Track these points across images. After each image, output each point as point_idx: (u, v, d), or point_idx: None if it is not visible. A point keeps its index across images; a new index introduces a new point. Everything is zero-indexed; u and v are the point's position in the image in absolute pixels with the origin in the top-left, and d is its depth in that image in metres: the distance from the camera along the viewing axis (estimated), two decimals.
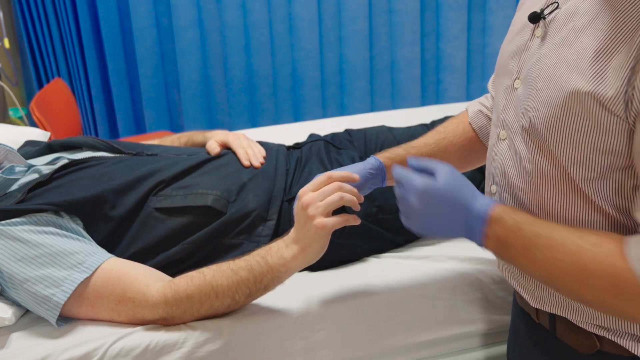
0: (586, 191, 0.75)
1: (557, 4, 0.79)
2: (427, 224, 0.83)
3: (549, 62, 0.77)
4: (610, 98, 0.68)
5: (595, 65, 0.69)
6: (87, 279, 1.04)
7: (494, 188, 0.89)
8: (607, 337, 0.79)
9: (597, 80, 0.69)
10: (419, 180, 0.81)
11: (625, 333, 0.78)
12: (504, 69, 0.89)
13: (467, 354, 1.20)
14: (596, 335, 0.80)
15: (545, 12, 0.80)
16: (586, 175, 0.74)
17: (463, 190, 0.80)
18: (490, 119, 1.11)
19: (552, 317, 0.86)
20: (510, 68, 0.87)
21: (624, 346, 0.78)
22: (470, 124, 1.13)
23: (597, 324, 0.79)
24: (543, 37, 0.80)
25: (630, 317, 0.71)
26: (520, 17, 0.90)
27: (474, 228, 0.79)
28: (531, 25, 0.83)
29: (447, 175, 0.81)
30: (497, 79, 0.93)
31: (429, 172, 0.83)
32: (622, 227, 0.75)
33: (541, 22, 0.81)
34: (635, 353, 0.77)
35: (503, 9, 3.15)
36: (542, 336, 0.90)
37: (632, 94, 0.66)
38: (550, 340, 0.88)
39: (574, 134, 0.73)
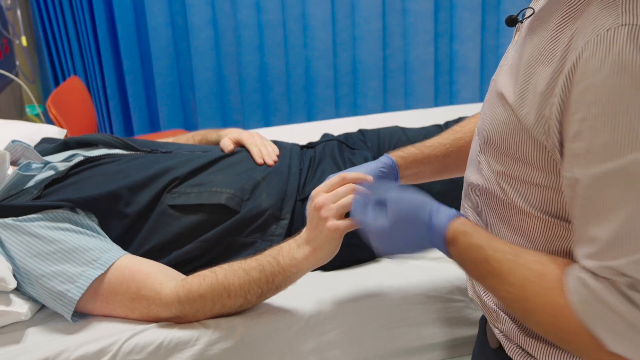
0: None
1: (533, 10, 0.78)
2: (396, 249, 0.86)
3: (504, 69, 0.77)
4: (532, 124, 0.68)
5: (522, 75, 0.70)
6: (102, 276, 1.05)
7: None
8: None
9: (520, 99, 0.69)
10: (374, 228, 0.85)
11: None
12: None
13: None
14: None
15: (521, 16, 0.79)
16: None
17: (418, 213, 0.80)
18: None
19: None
20: None
21: None
22: None
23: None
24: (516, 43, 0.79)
25: (572, 350, 0.70)
26: None
27: (439, 246, 0.80)
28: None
29: (395, 209, 0.82)
30: None
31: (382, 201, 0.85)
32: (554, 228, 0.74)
33: (519, 25, 0.81)
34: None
35: (517, 9, 3.07)
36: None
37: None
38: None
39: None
